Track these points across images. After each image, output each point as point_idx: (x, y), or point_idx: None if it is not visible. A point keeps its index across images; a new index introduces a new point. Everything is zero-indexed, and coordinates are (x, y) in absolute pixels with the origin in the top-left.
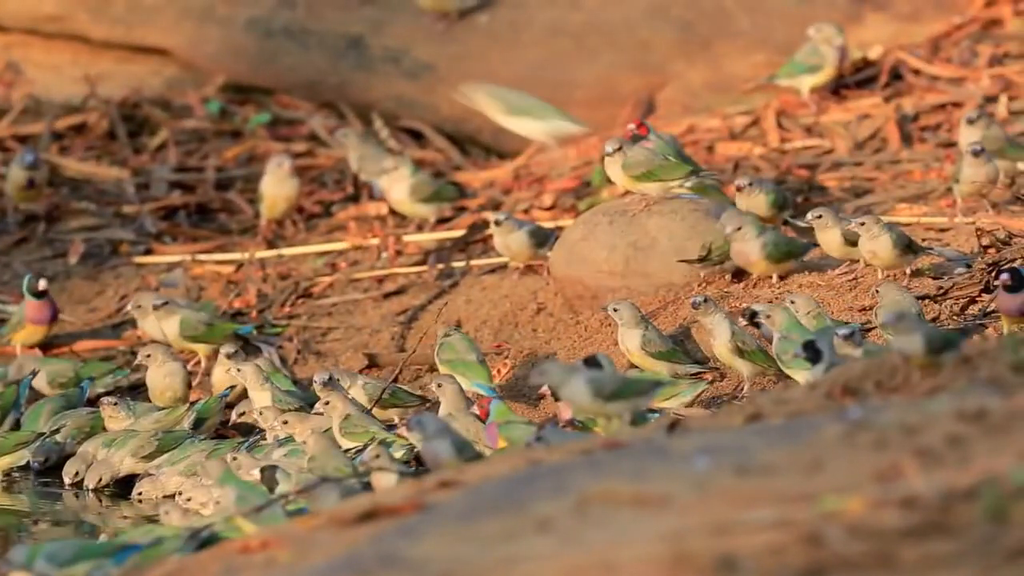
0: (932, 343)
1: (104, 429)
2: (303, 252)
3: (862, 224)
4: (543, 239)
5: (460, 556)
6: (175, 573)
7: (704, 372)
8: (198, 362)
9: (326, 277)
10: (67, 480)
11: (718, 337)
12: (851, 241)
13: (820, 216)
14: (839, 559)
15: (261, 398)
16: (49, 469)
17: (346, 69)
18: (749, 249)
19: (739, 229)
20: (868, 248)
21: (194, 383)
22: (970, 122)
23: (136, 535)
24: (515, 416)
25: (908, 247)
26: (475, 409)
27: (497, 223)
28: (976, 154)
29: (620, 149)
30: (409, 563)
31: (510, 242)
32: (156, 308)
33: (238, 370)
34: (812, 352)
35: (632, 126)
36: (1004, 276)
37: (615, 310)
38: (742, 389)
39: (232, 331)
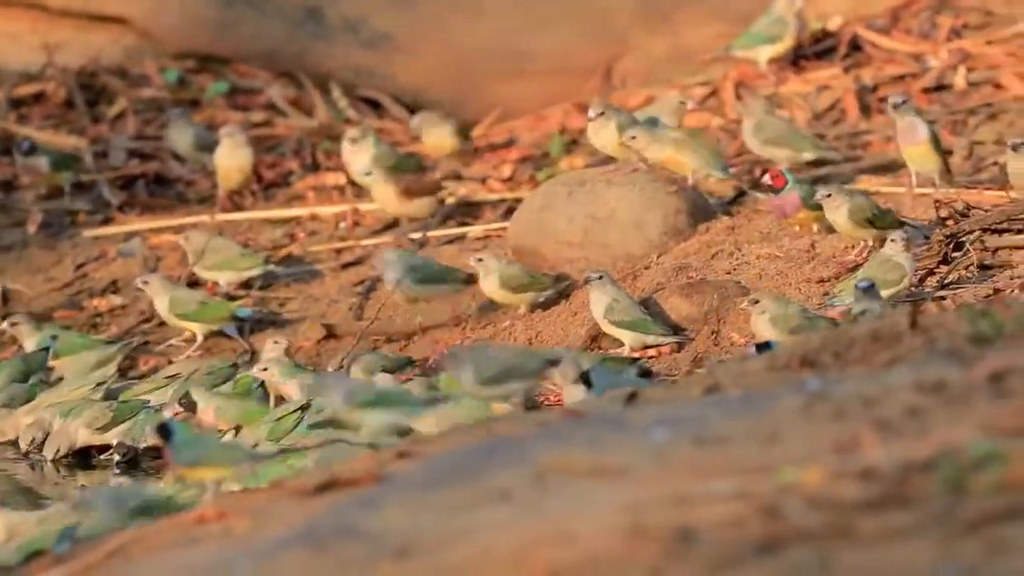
0: None
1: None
2: (260, 218)
3: (828, 196)
4: None
5: (418, 526)
6: (131, 543)
7: (673, 342)
8: (192, 339)
9: (284, 247)
10: (23, 446)
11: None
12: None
13: (829, 195)
14: (797, 531)
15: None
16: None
17: (304, 38)
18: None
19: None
20: (830, 218)
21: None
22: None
23: None
24: None
25: (868, 221)
26: None
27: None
28: (1015, 148)
29: (603, 114)
30: (367, 534)
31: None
32: (144, 284)
33: (264, 369)
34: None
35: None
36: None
37: (600, 277)
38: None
39: (230, 313)
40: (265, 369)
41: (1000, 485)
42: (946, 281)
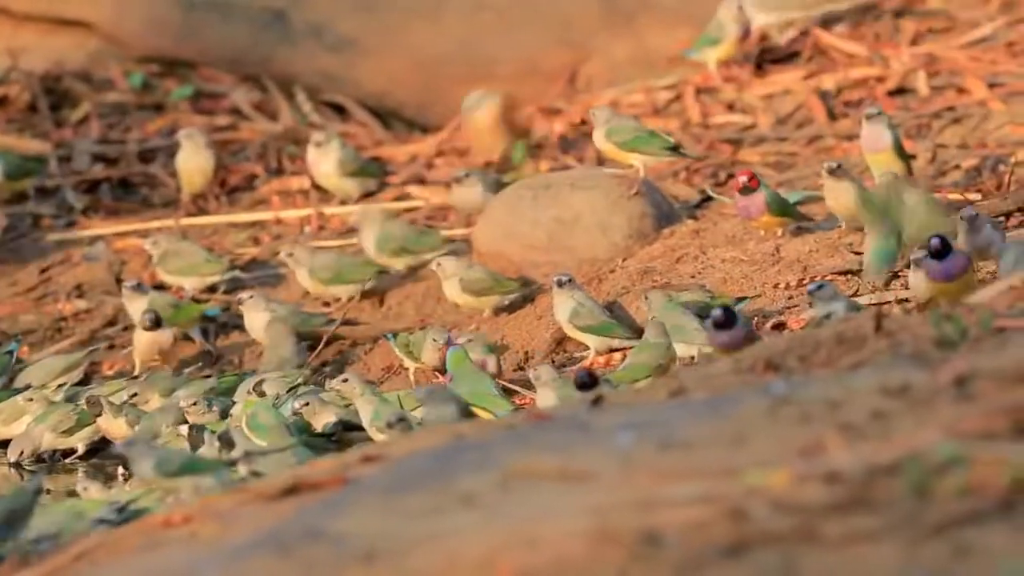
0: None
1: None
2: (225, 222)
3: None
4: None
5: (384, 531)
6: (97, 548)
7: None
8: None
9: (250, 250)
10: (11, 458)
11: None
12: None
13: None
14: (763, 534)
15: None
16: None
17: (269, 43)
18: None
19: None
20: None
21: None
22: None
23: (59, 510)
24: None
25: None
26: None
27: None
28: (832, 172)
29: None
30: (332, 538)
31: None
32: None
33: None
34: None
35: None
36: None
37: (569, 280)
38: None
39: (200, 313)
40: (439, 264)
41: (964, 488)
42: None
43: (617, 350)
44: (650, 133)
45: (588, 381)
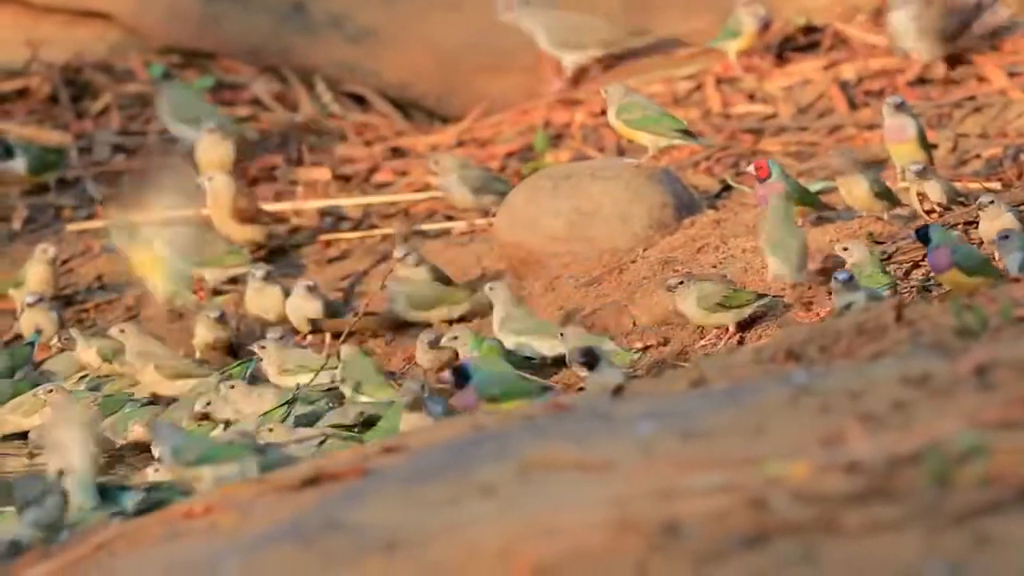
0: None
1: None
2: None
3: (679, 284)
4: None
5: (403, 521)
6: (117, 538)
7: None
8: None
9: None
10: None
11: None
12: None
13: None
14: (783, 524)
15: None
16: None
17: (289, 33)
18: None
19: None
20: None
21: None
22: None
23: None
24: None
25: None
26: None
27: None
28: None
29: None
30: (352, 528)
31: None
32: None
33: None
34: (589, 358)
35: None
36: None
37: (491, 289)
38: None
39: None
40: (455, 338)
41: (985, 478)
42: (932, 274)
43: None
44: (661, 113)
45: (586, 359)
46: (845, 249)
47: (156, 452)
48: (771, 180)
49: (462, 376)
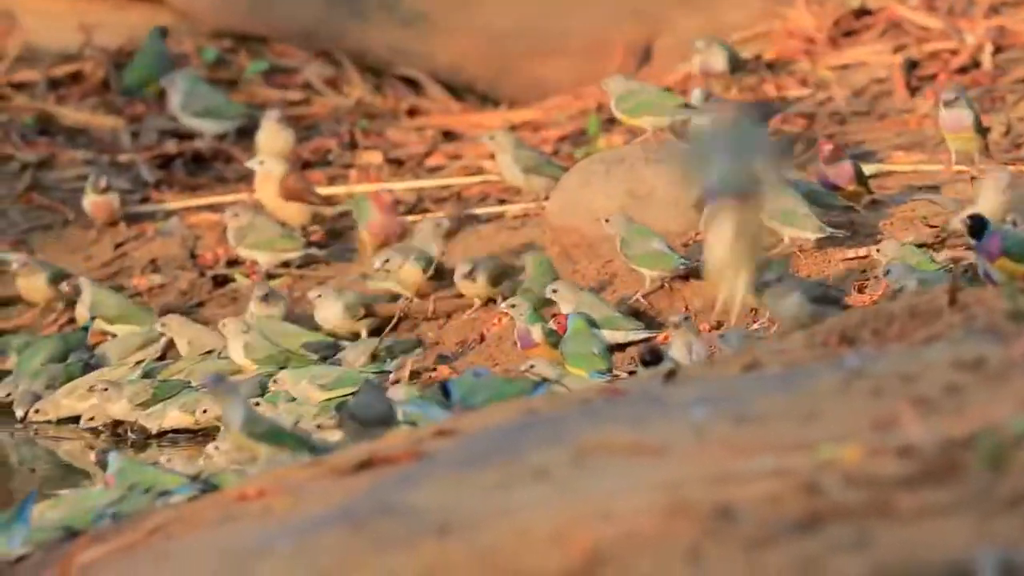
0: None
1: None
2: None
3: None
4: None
5: (457, 505)
6: (173, 520)
7: (652, 335)
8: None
9: (323, 226)
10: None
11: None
12: None
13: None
14: (836, 508)
15: None
16: None
17: (341, 17)
18: None
19: None
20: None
21: None
22: None
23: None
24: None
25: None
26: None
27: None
28: None
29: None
30: (405, 512)
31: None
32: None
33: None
34: (653, 357)
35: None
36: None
37: (554, 291)
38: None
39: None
40: (555, 291)
41: None
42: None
43: None
44: (658, 94)
45: (651, 358)
46: (878, 250)
47: (223, 415)
48: (843, 160)
49: (446, 394)
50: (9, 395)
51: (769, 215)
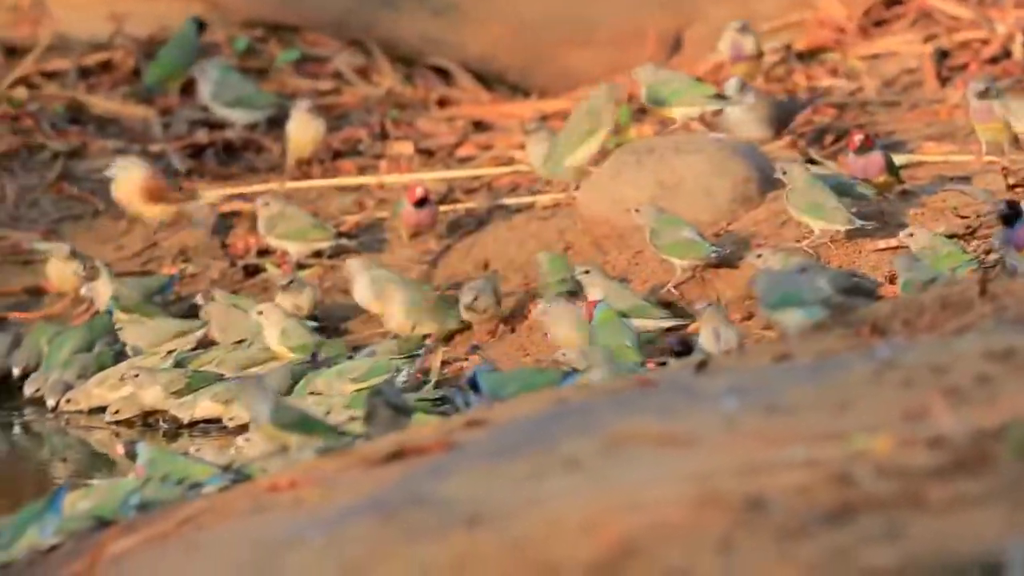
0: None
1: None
2: (329, 186)
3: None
4: None
5: (487, 495)
6: (204, 511)
7: (681, 324)
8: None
9: (353, 216)
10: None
11: None
12: None
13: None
14: (867, 499)
15: None
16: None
17: (372, 7)
18: None
19: None
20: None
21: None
22: None
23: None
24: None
25: None
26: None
27: None
28: None
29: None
30: (436, 502)
31: None
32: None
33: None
34: (684, 347)
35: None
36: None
37: (586, 272)
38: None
39: None
40: (587, 272)
41: None
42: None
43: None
44: (690, 84)
45: (682, 349)
46: (911, 235)
47: (250, 412)
48: (873, 151)
49: (475, 387)
50: (38, 390)
51: (798, 209)
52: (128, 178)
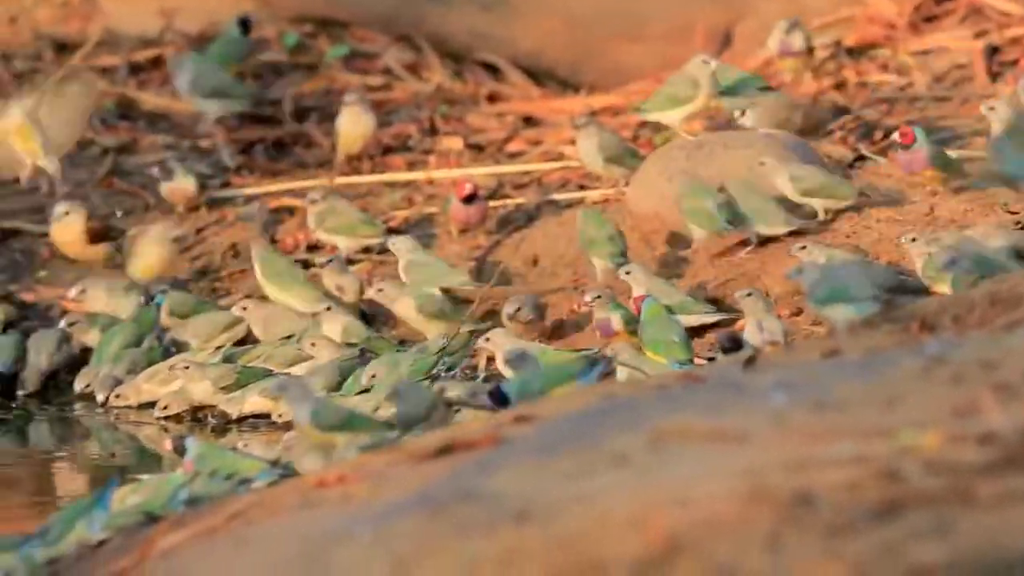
0: None
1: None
2: (379, 181)
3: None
4: None
5: (537, 490)
6: (253, 505)
7: (725, 318)
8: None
9: (402, 211)
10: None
11: None
12: None
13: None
14: (916, 494)
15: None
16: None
17: (421, 2)
18: None
19: None
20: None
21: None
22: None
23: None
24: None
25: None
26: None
27: None
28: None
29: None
30: (485, 498)
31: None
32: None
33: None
34: (733, 344)
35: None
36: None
37: (627, 273)
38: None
39: None
40: (628, 272)
41: None
42: None
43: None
44: (739, 76)
45: (730, 345)
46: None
47: (292, 415)
48: (916, 146)
49: (501, 398)
50: (88, 385)
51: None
52: (69, 225)
